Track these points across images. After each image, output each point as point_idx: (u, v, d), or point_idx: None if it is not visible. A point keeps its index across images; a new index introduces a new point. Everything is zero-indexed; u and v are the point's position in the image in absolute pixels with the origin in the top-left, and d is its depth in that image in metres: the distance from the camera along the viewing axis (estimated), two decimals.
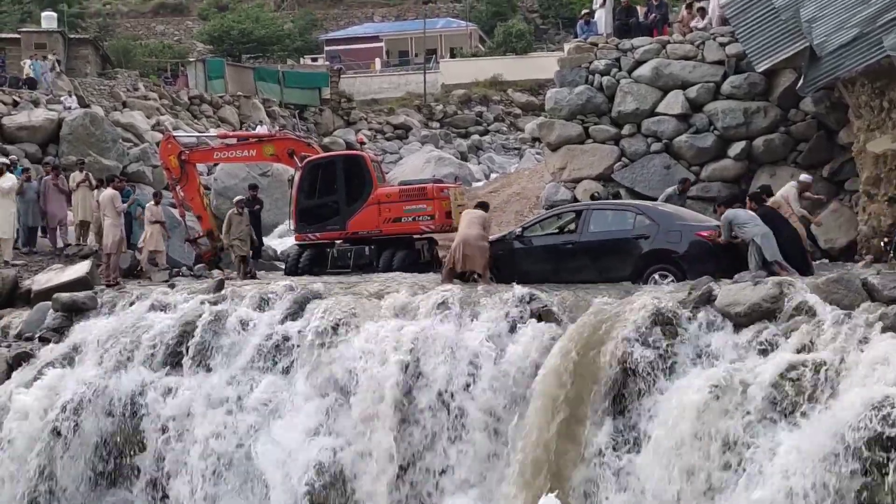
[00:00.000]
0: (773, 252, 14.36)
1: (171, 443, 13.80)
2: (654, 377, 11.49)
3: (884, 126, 17.79)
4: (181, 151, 23.56)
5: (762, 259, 14.33)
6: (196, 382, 14.14)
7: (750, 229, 14.61)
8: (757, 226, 14.64)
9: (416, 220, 20.71)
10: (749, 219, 14.84)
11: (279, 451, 13.11)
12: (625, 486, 11.12)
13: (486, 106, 56.16)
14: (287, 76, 56.11)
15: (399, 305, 14.13)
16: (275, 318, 14.54)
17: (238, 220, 20.35)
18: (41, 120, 31.28)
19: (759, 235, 14.49)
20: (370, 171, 21.42)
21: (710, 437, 10.52)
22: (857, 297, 11.36)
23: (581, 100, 22.59)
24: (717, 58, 21.81)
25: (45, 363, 15.08)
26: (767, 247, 14.39)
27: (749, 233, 14.59)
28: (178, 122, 41.01)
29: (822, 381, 10.18)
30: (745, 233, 14.64)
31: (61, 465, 13.94)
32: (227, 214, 20.71)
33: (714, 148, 21.50)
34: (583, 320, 12.57)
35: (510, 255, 16.70)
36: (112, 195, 19.74)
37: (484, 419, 12.42)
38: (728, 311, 11.81)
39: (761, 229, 14.59)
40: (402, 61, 68.59)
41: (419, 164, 37.83)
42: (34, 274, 19.12)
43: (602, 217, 16.54)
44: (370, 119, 55.24)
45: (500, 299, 13.59)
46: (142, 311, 15.67)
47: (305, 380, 13.57)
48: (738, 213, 14.98)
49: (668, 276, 15.26)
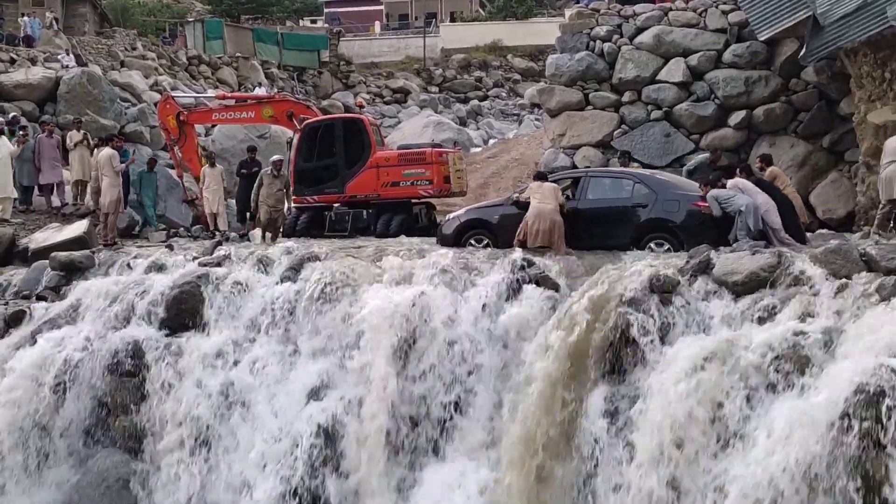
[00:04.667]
0: (754, 220, 14.51)
1: (168, 403, 13.84)
2: (651, 345, 11.53)
3: (885, 97, 17.79)
4: (179, 112, 23.52)
5: (747, 229, 14.46)
6: (194, 343, 14.17)
7: (734, 201, 14.74)
8: (740, 198, 14.79)
9: (415, 184, 20.68)
10: (733, 193, 14.98)
11: (276, 411, 13.18)
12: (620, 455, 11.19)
13: (485, 71, 55.93)
14: (286, 38, 55.78)
15: (397, 269, 14.13)
16: (272, 280, 14.57)
17: (270, 181, 19.59)
18: (38, 78, 31.08)
19: (744, 206, 14.66)
20: (369, 135, 21.37)
21: (705, 405, 10.56)
22: (855, 267, 11.38)
23: (581, 66, 22.52)
24: (719, 26, 21.73)
25: (42, 321, 15.11)
26: (752, 217, 14.52)
27: (736, 204, 14.72)
28: (176, 83, 40.72)
29: (819, 350, 10.21)
30: (731, 205, 14.77)
31: (57, 423, 14.01)
32: (260, 175, 19.96)
33: (714, 116, 21.47)
34: (580, 287, 12.60)
35: (507, 221, 16.67)
36: (110, 154, 19.67)
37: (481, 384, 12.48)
38: (726, 280, 11.82)
39: (745, 200, 14.74)
40: (402, 25, 68.27)
41: (418, 129, 37.65)
42: (31, 232, 19.11)
43: (600, 185, 16.51)
44: (369, 82, 55.01)
45: (498, 264, 13.60)
46: (139, 272, 15.70)
47: (303, 341, 13.62)
48: (720, 192, 15.12)
49: (665, 245, 15.29)
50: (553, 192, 15.82)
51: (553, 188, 15.96)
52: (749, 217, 14.54)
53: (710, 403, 10.52)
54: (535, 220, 15.55)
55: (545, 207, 15.63)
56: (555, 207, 15.63)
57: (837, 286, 11.06)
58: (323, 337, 13.53)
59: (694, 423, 10.52)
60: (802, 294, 11.14)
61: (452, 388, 12.56)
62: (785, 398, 10.07)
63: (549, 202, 15.67)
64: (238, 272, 14.86)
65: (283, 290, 14.25)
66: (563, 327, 12.06)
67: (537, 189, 15.93)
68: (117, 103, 31.71)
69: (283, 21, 64.56)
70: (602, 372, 11.74)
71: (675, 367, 11.01)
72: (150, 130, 31.43)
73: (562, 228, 15.58)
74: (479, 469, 12.22)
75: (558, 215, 15.61)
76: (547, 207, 15.62)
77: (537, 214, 15.58)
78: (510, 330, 12.65)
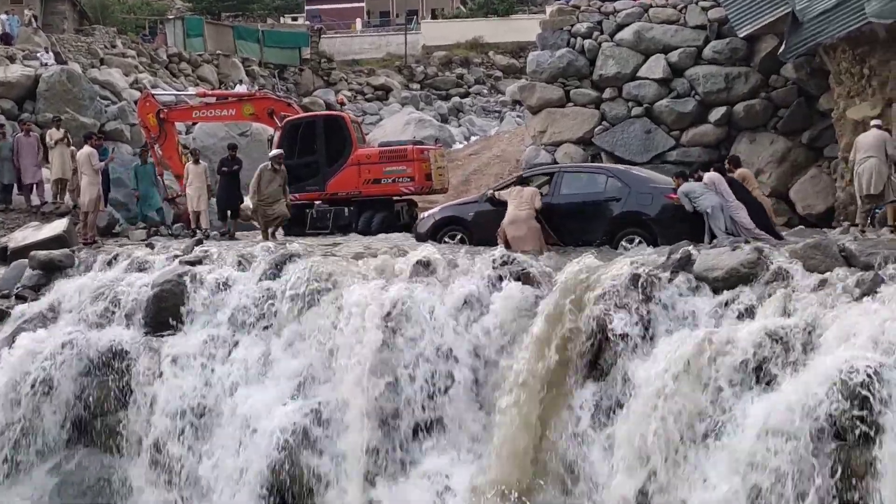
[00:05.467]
0: (720, 222, 14.69)
1: (148, 401, 13.80)
2: (631, 342, 11.56)
3: (864, 93, 17.87)
4: (160, 110, 23.39)
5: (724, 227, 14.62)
6: (174, 342, 14.12)
7: (702, 201, 14.86)
8: (708, 198, 14.90)
9: (396, 181, 20.66)
10: (703, 191, 15.10)
11: (256, 410, 13.13)
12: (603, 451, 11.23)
13: (466, 68, 55.89)
14: (267, 35, 55.56)
15: (379, 266, 14.12)
16: (253, 278, 14.52)
17: (270, 177, 18.76)
18: (17, 76, 30.82)
19: (711, 207, 14.79)
20: (350, 132, 21.34)
21: (685, 401, 10.60)
22: (835, 262, 11.45)
23: (562, 63, 22.51)
24: (699, 22, 21.76)
25: (22, 321, 15.03)
26: (717, 217, 14.65)
27: (702, 204, 14.83)
28: (156, 81, 40.50)
29: (799, 345, 10.26)
30: (699, 204, 14.89)
31: (36, 423, 13.93)
32: (258, 170, 19.04)
33: (694, 113, 21.51)
34: (561, 284, 12.61)
35: (481, 218, 16.69)
36: (89, 153, 19.54)
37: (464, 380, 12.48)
38: (706, 276, 11.86)
39: (712, 201, 14.86)
40: (383, 22, 68.23)
41: (399, 126, 37.60)
42: (10, 231, 19.00)
43: (574, 180, 16.58)
44: (350, 80, 54.87)
45: (479, 261, 13.60)
46: (120, 271, 15.63)
47: (283, 339, 13.59)
48: (693, 187, 15.24)
49: (636, 239, 15.32)
50: (531, 197, 15.85)
51: (532, 193, 15.99)
52: (717, 219, 14.66)
53: (691, 399, 10.54)
54: (509, 227, 15.65)
55: (520, 214, 15.68)
56: (530, 214, 15.66)
57: (817, 281, 11.12)
58: (304, 335, 13.49)
59: (674, 419, 10.55)
60: (782, 290, 11.19)
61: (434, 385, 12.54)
62: (764, 394, 10.12)
63: (524, 208, 15.70)
64: (219, 271, 14.81)
65: (264, 289, 14.21)
66: (544, 323, 12.07)
67: (517, 194, 15.96)
68: (97, 101, 31.51)
69: (264, 18, 64.32)
70: (583, 369, 11.77)
71: (655, 363, 11.04)
72: (131, 128, 31.25)
73: (538, 232, 15.64)
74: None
75: (534, 221, 15.65)
76: (521, 214, 15.68)
77: (512, 221, 15.67)
78: (491, 326, 12.64)
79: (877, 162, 15.87)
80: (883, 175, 15.90)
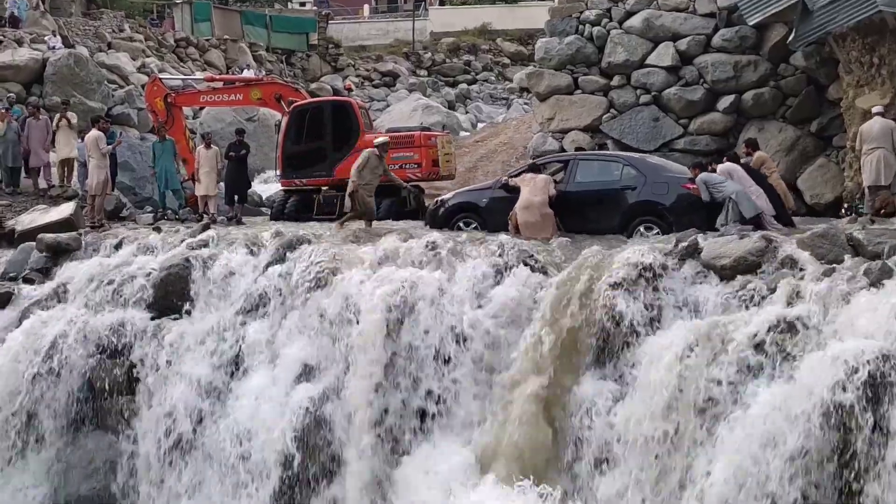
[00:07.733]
0: (747, 208, 14.58)
1: (156, 385, 13.84)
2: (639, 328, 11.57)
3: (873, 82, 17.78)
4: (167, 94, 23.33)
5: (739, 215, 14.51)
6: (181, 325, 14.16)
7: (725, 188, 14.79)
8: (729, 185, 14.89)
9: (403, 167, 20.62)
10: (722, 178, 15.07)
11: (265, 394, 13.17)
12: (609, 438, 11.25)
13: (474, 55, 55.74)
14: (274, 20, 55.48)
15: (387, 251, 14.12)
16: (262, 262, 14.54)
17: (376, 163, 17.60)
18: (25, 59, 30.86)
19: (735, 193, 14.72)
20: (357, 118, 21.30)
21: (692, 388, 10.61)
22: (842, 251, 11.44)
23: (571, 50, 22.45)
24: (708, 10, 21.66)
25: (29, 303, 15.07)
26: (744, 203, 14.57)
27: (725, 192, 14.77)
28: (163, 65, 40.44)
29: (806, 333, 10.26)
30: (722, 192, 14.81)
31: (45, 406, 13.98)
32: (366, 155, 17.66)
33: (703, 101, 21.42)
34: (569, 270, 12.62)
35: (496, 205, 16.66)
36: (97, 136, 19.51)
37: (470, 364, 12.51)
38: (714, 264, 11.87)
39: (735, 187, 14.83)
40: (391, 8, 67.88)
41: (406, 112, 37.59)
42: (18, 214, 19.02)
43: (589, 168, 16.51)
44: (358, 66, 54.76)
45: (486, 248, 13.60)
46: (127, 254, 15.66)
47: (291, 324, 13.61)
48: (711, 176, 15.19)
49: (654, 229, 15.29)
50: (545, 185, 15.80)
51: (545, 180, 15.94)
52: (742, 204, 14.57)
53: (697, 387, 10.55)
54: (522, 212, 15.60)
55: (533, 200, 15.65)
56: (544, 200, 15.62)
57: (824, 270, 11.11)
58: (312, 318, 13.50)
59: (681, 407, 10.57)
60: (789, 278, 11.18)
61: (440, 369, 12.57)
62: (772, 382, 10.12)
63: (538, 195, 15.66)
64: (227, 255, 14.83)
65: (273, 273, 14.23)
66: (552, 310, 12.08)
67: (530, 181, 15.91)
68: (104, 85, 31.53)
69: (272, 3, 64.14)
70: (591, 355, 11.78)
71: (663, 350, 11.06)
72: (138, 113, 31.26)
73: (552, 219, 15.61)
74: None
75: (547, 207, 15.62)
76: (535, 200, 15.64)
77: (525, 207, 15.63)
78: (498, 312, 12.65)
79: (884, 153, 15.82)
80: (891, 165, 15.85)
